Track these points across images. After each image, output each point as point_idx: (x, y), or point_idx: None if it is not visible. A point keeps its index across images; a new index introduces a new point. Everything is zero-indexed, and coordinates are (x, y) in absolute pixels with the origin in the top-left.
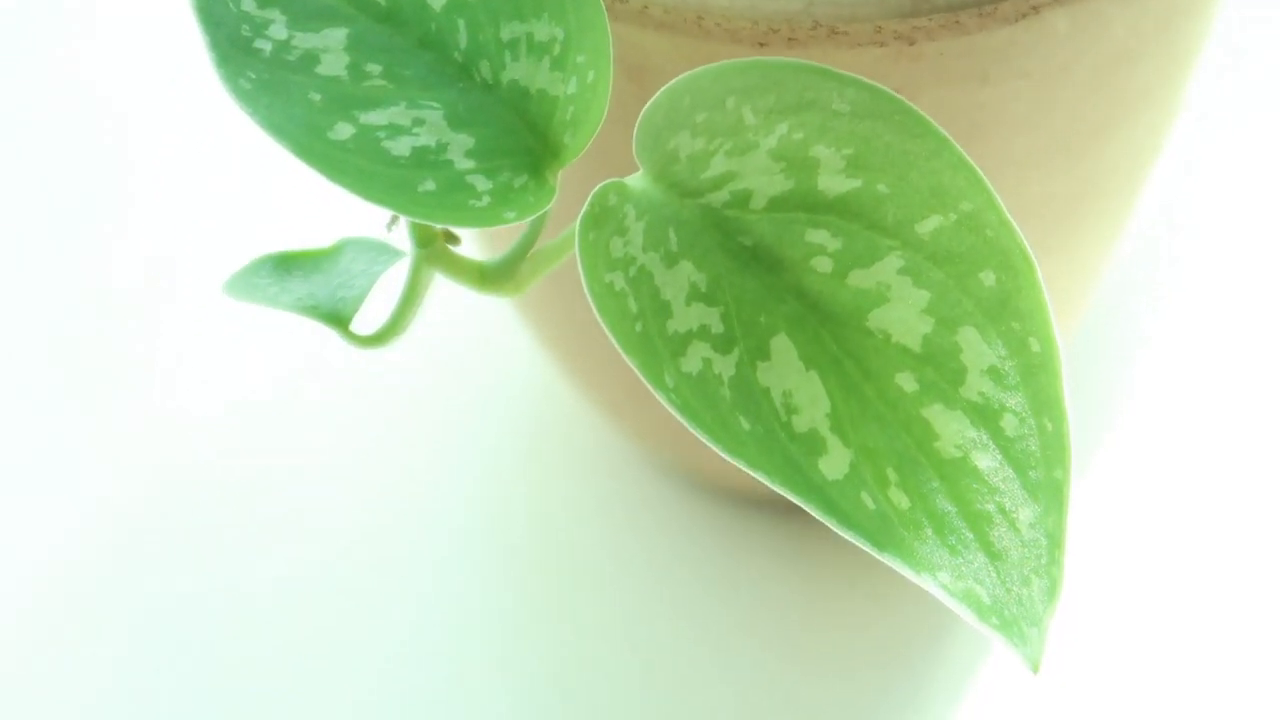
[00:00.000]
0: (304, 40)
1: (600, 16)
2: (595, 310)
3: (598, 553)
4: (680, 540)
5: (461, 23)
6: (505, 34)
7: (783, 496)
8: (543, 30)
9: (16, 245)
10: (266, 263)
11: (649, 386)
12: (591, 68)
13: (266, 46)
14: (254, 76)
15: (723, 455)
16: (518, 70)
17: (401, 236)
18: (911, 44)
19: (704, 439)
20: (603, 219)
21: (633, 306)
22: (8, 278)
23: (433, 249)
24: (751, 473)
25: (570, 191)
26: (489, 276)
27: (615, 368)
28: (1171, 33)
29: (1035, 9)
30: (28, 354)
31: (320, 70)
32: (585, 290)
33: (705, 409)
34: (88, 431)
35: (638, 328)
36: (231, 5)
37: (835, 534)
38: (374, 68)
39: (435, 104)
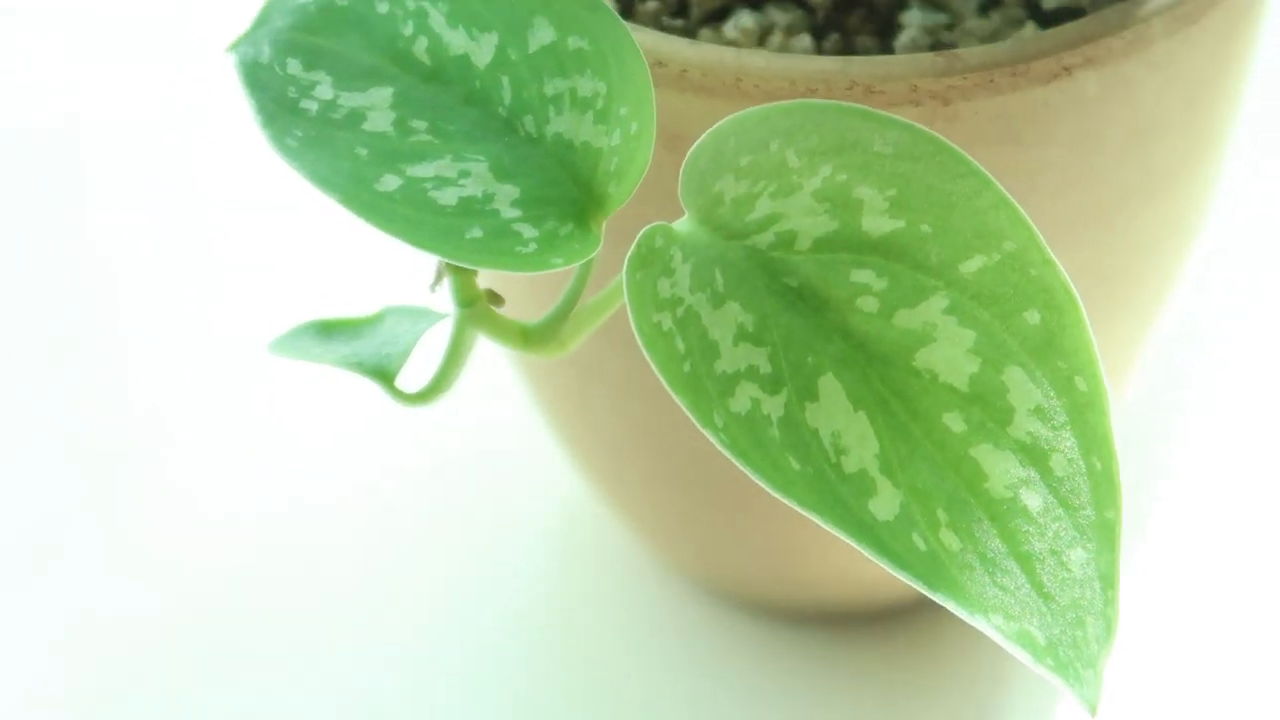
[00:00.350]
0: (349, 99)
1: (642, 70)
2: (644, 350)
3: (627, 668)
4: (706, 654)
5: (505, 80)
6: (549, 90)
7: (813, 611)
8: (586, 86)
9: (32, 350)
10: (310, 327)
11: (699, 426)
12: (634, 119)
13: (313, 106)
14: (300, 134)
15: (773, 493)
16: (562, 124)
17: (445, 300)
18: (946, 104)
19: (754, 477)
20: (649, 260)
21: (680, 347)
22: (25, 384)
23: (475, 308)
24: (803, 512)
25: (610, 252)
26: (532, 336)
27: (647, 482)
28: (1197, 106)
29: (1067, 69)
30: (46, 459)
31: (366, 127)
32: (634, 331)
33: (754, 449)
34: (103, 543)
35: (686, 368)
36: (277, 69)
37: (864, 650)
38: (419, 124)
39: (481, 157)
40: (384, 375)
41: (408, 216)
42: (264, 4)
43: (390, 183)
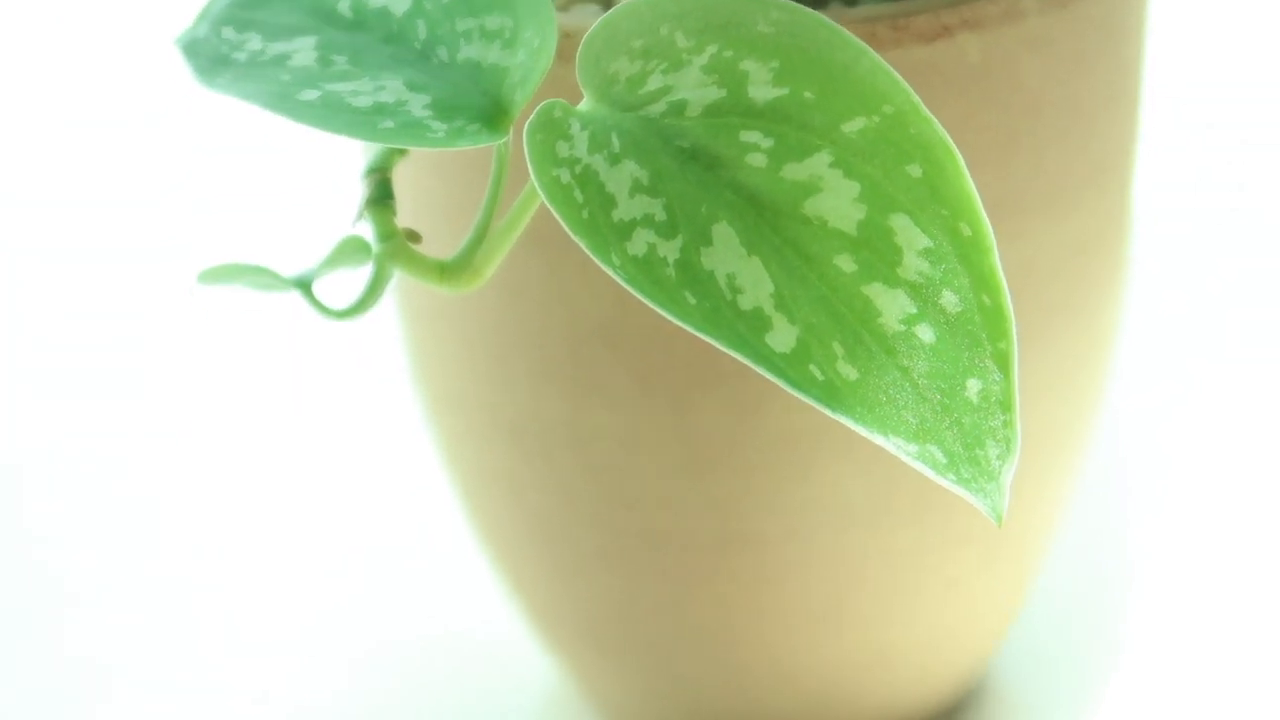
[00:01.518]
0: (277, 47)
1: (548, 7)
2: (543, 196)
3: None
4: None
5: (421, 23)
6: (460, 27)
7: None
8: (493, 21)
9: None
10: (241, 265)
11: (599, 263)
12: (537, 38)
13: (243, 56)
14: (230, 75)
15: (673, 319)
16: (472, 50)
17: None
18: None
19: (653, 306)
20: (548, 126)
21: (579, 197)
22: None
23: (393, 243)
24: (703, 337)
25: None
26: (448, 270)
27: (590, 570)
28: (1083, 92)
29: (947, 29)
30: None
31: (290, 63)
32: (534, 181)
33: (651, 285)
34: None
35: (584, 215)
36: (212, 37)
37: None
38: (340, 58)
39: (396, 78)
40: (303, 284)
41: (324, 114)
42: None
43: (310, 95)
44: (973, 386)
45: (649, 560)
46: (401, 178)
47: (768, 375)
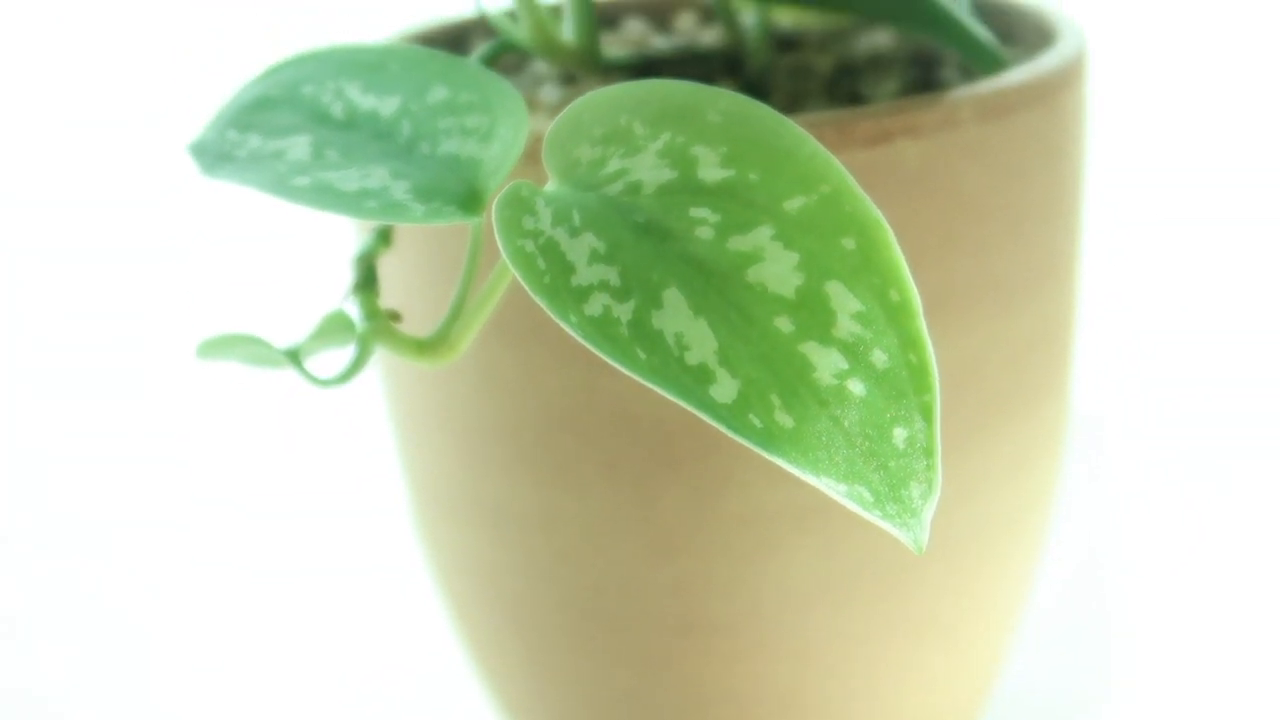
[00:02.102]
0: (275, 145)
1: (520, 106)
2: (510, 264)
3: None
4: None
5: (406, 122)
6: (442, 125)
7: None
8: (472, 121)
9: None
10: (237, 336)
11: (557, 321)
12: (511, 133)
13: (244, 153)
14: (231, 168)
15: (626, 371)
16: (451, 145)
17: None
18: None
19: (606, 358)
20: (516, 203)
21: (541, 265)
22: None
23: (377, 322)
24: (652, 386)
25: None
26: (425, 346)
27: (562, 638)
28: (1020, 198)
29: (887, 135)
30: None
31: (287, 157)
32: (502, 251)
33: (606, 341)
34: None
35: (546, 280)
36: (217, 137)
37: None
38: (331, 152)
39: (382, 168)
40: (294, 356)
41: (315, 196)
42: (217, 110)
43: (303, 180)
44: (899, 434)
45: (615, 644)
46: (386, 264)
47: (711, 422)
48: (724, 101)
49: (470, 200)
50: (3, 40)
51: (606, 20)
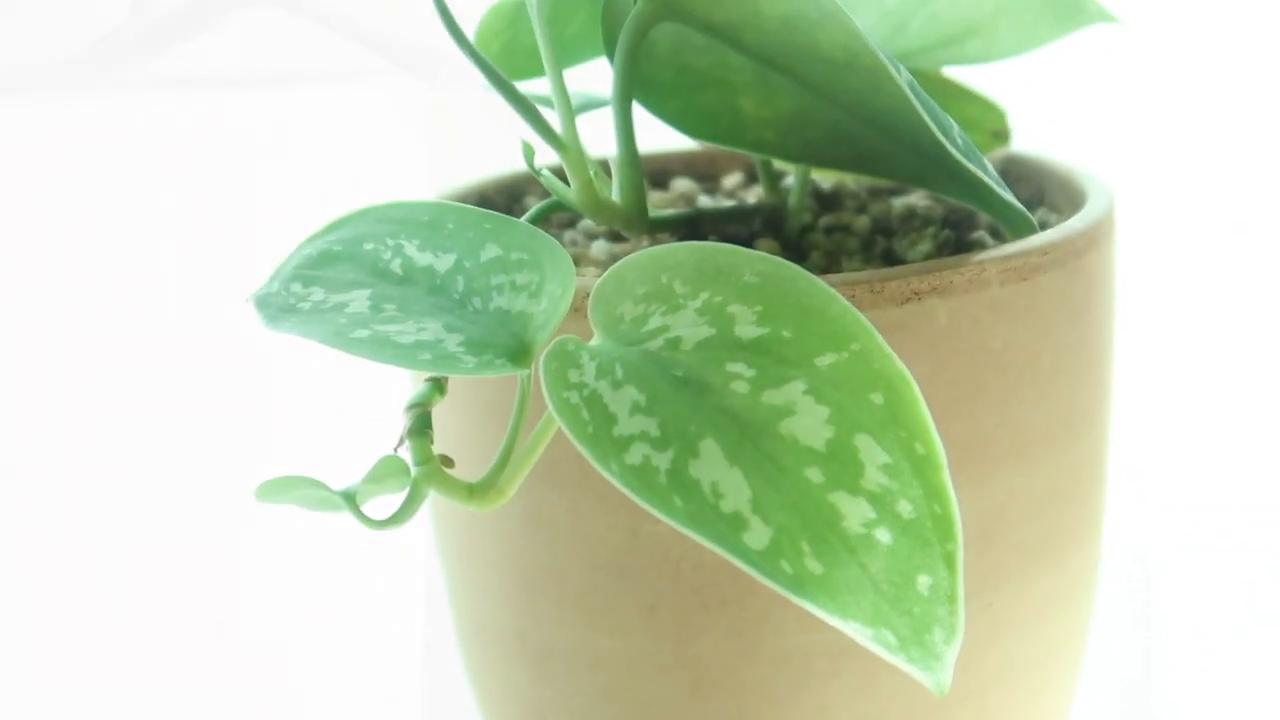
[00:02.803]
0: (336, 298)
1: (568, 265)
2: (555, 415)
3: None
4: None
5: (460, 278)
6: (493, 281)
7: None
8: (522, 278)
9: None
10: (295, 478)
11: (599, 469)
12: (559, 289)
13: (307, 306)
14: (294, 320)
15: (662, 518)
16: (502, 300)
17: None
18: None
19: (645, 505)
20: (562, 357)
21: (585, 415)
22: None
23: (429, 467)
24: (688, 533)
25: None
26: (475, 490)
27: None
28: (1046, 356)
29: (917, 294)
30: None
31: (348, 310)
32: (548, 403)
33: (645, 488)
34: None
35: (589, 430)
36: (282, 291)
37: None
38: (389, 306)
39: (436, 321)
40: (350, 499)
41: (373, 348)
42: (278, 263)
43: (362, 333)
44: (923, 582)
45: None
46: (439, 412)
47: (743, 567)
48: (759, 263)
49: (519, 353)
50: None
51: (656, 180)
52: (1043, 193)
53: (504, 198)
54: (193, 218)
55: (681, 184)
